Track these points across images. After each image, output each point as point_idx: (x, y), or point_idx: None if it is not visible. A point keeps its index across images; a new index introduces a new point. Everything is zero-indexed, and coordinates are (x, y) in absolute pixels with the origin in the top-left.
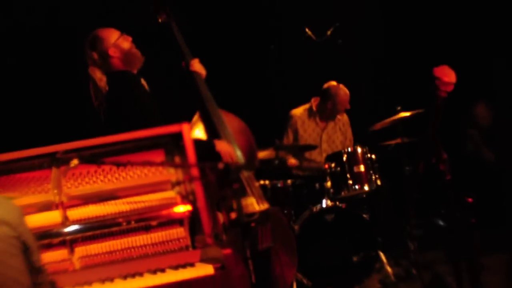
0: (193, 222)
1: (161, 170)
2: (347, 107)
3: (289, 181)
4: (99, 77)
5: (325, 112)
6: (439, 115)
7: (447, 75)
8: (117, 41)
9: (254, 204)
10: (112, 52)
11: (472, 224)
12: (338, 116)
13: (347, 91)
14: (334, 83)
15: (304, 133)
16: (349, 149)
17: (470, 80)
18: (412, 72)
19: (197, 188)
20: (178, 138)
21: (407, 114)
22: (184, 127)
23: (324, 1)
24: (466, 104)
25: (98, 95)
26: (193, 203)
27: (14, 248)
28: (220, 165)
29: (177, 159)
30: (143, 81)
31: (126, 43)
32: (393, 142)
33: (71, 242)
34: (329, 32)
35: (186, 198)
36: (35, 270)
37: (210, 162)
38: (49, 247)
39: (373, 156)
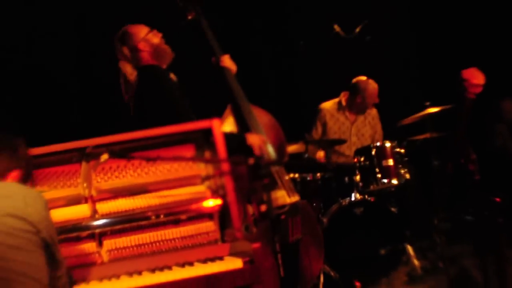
0: (222, 216)
1: (191, 164)
2: (376, 101)
3: (318, 175)
4: (130, 71)
5: (354, 107)
6: (467, 117)
7: (476, 77)
8: (146, 36)
9: (284, 197)
10: (142, 46)
11: (499, 224)
12: (368, 110)
13: (376, 85)
14: (363, 77)
15: (334, 125)
16: (378, 144)
17: (497, 74)
18: (442, 67)
19: (227, 182)
20: (208, 133)
21: (436, 109)
22: (215, 122)
23: None
24: (493, 98)
25: (129, 89)
26: (223, 197)
27: (29, 244)
28: (250, 160)
29: (207, 154)
30: (172, 75)
31: (155, 39)
32: (421, 137)
33: (99, 235)
34: (358, 29)
35: (216, 192)
36: (55, 264)
37: (240, 156)
38: (78, 240)
39: (402, 151)
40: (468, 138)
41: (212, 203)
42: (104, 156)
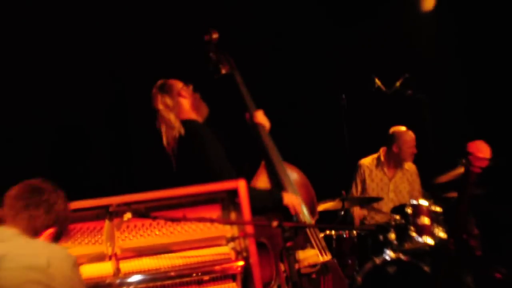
0: (245, 277)
1: (216, 225)
2: (413, 151)
3: (354, 232)
4: (173, 119)
5: (392, 159)
6: (471, 191)
7: (481, 151)
8: (183, 87)
9: (316, 255)
10: (184, 93)
11: None
12: (406, 167)
13: (412, 134)
14: (399, 127)
15: (372, 182)
16: (414, 202)
17: None
18: (484, 124)
19: (251, 244)
20: (234, 194)
21: None
22: (240, 183)
23: (395, 52)
24: None
25: (170, 139)
26: (246, 259)
27: None
28: (274, 223)
29: (233, 215)
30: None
31: (191, 91)
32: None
33: None
34: (398, 83)
35: (240, 254)
36: None
37: (264, 218)
38: None
39: (438, 209)
40: (471, 213)
41: (236, 264)
42: (127, 215)
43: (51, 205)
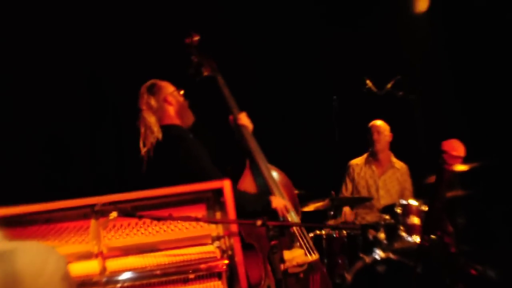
0: (231, 276)
1: (202, 224)
2: (382, 135)
3: (344, 232)
4: (153, 122)
5: (374, 153)
6: (446, 189)
7: (455, 149)
8: (174, 92)
9: (303, 255)
10: (170, 99)
11: None
12: (397, 166)
13: (379, 122)
14: None
15: (361, 179)
16: (403, 201)
17: None
18: (473, 125)
19: (236, 243)
20: (219, 193)
21: (464, 167)
22: (225, 183)
23: (386, 54)
24: None
25: (147, 142)
26: (231, 257)
27: None
28: (258, 222)
29: (218, 214)
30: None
31: (180, 97)
32: (448, 194)
33: None
34: (389, 85)
35: (225, 252)
36: None
37: (250, 218)
38: None
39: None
40: (445, 211)
41: (221, 263)
42: (113, 214)
43: None
